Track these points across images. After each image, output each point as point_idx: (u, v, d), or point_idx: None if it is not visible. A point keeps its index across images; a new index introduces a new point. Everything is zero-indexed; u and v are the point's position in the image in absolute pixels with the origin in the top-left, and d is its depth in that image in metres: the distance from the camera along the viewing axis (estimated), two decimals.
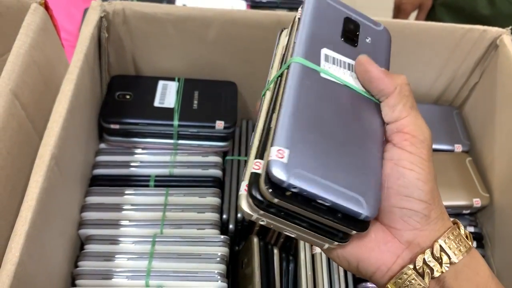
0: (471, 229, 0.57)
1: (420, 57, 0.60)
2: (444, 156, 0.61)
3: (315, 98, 0.30)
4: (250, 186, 0.27)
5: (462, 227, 0.31)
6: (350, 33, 0.34)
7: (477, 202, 0.57)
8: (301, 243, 0.53)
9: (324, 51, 0.32)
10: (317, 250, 0.52)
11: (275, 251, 0.54)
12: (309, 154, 0.27)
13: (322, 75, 0.31)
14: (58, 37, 0.51)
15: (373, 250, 0.30)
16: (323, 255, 0.52)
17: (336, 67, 0.32)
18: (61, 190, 0.43)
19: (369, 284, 0.51)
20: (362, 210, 0.27)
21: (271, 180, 0.26)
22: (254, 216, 0.27)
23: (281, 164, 0.25)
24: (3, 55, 0.51)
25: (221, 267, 0.50)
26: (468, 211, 0.59)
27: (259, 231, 0.55)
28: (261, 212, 0.27)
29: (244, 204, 0.27)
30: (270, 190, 0.26)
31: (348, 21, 0.35)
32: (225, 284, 0.49)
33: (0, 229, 0.38)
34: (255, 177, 0.27)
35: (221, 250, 0.51)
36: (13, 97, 0.41)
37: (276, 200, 0.26)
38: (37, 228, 0.36)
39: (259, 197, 0.26)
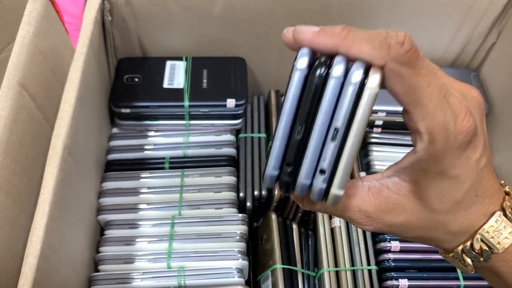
0: None
1: (434, 19, 0.58)
2: None
3: None
4: None
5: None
6: None
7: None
8: (320, 217, 0.53)
9: None
10: (336, 223, 0.52)
11: (294, 226, 0.54)
12: None
13: None
14: (62, 23, 0.50)
15: None
16: (343, 229, 0.52)
17: None
18: (77, 179, 0.43)
19: (390, 255, 0.50)
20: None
21: None
22: None
23: None
24: (9, 45, 0.51)
25: (241, 245, 0.50)
26: None
27: (277, 207, 0.55)
28: None
29: None
30: None
31: None
32: (246, 262, 0.49)
33: (21, 221, 0.39)
34: None
35: (240, 229, 0.51)
36: (21, 89, 0.40)
37: None
38: (56, 219, 0.36)
39: None
